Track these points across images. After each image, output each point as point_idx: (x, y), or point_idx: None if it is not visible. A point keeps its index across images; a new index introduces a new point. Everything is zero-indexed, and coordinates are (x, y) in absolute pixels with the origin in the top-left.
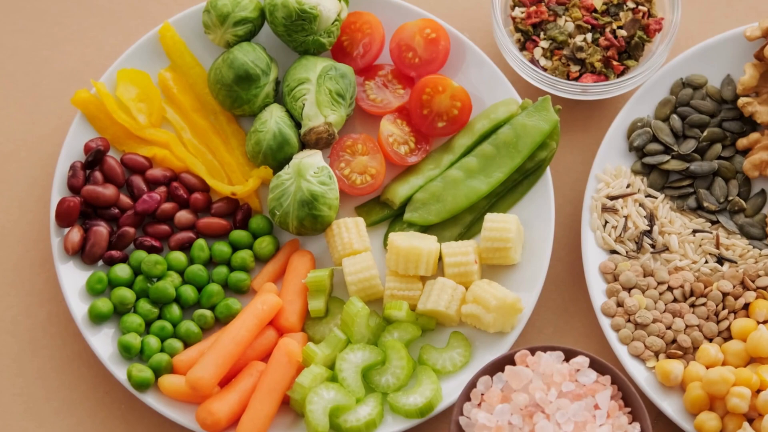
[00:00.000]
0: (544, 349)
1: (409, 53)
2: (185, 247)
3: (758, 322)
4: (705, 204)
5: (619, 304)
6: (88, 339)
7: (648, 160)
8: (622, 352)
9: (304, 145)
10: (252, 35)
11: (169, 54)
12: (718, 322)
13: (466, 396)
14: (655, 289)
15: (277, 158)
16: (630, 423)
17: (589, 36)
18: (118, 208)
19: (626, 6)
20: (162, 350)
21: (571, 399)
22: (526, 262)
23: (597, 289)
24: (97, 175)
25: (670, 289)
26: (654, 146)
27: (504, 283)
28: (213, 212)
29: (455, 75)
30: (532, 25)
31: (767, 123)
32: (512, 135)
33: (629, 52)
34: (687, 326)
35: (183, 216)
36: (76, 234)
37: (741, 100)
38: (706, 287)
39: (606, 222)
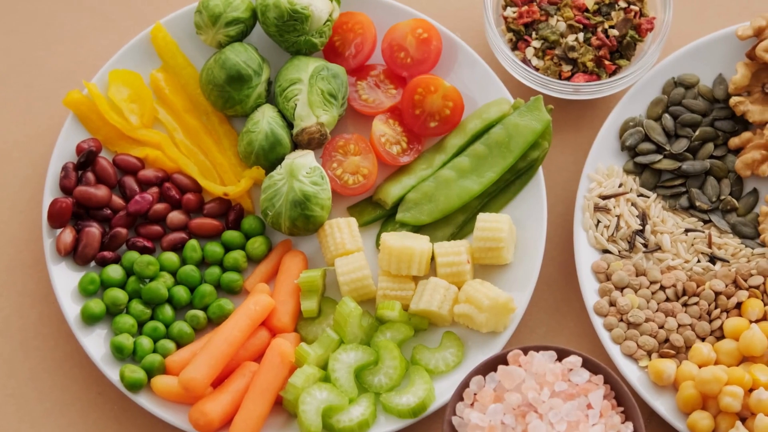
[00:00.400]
0: (537, 349)
1: (401, 53)
2: (177, 247)
3: (750, 321)
4: (697, 203)
5: (612, 304)
6: (80, 340)
7: (640, 159)
8: (614, 351)
9: (296, 146)
10: (244, 36)
11: (161, 55)
12: (710, 321)
13: (458, 396)
14: (648, 288)
15: (270, 159)
16: (623, 422)
17: (580, 35)
18: (111, 209)
19: (618, 5)
20: (155, 351)
21: (564, 398)
22: (519, 261)
23: (589, 289)
24: (89, 175)
25: (662, 288)
26: (646, 145)
27: (496, 282)
28: (205, 213)
29: (447, 75)
30: (523, 25)
31: (759, 122)
32: (504, 135)
33: (621, 51)
34: (679, 325)
35: (175, 216)
36: (68, 235)
37: (733, 99)
38: (698, 286)
39: (598, 221)
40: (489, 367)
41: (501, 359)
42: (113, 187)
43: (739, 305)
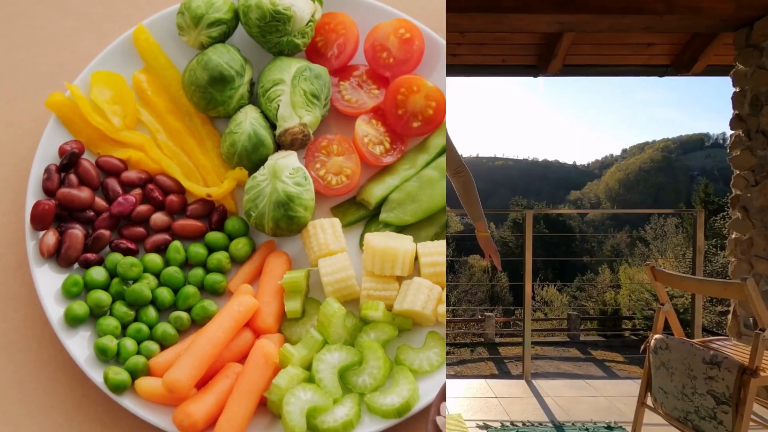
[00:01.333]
0: None
1: (384, 53)
2: (161, 249)
3: None
4: None
5: None
6: (64, 342)
7: None
8: None
9: (279, 146)
10: (226, 37)
11: (144, 56)
12: None
13: (443, 395)
14: None
15: (252, 159)
16: None
17: None
18: (94, 211)
19: None
20: (138, 352)
21: None
22: None
23: None
24: (72, 177)
25: None
26: None
27: None
28: (188, 214)
29: (430, 75)
30: None
31: None
32: None
33: None
34: None
35: (158, 218)
36: (51, 237)
37: None
38: None
39: None
40: None
41: None
42: (96, 189)
43: None
